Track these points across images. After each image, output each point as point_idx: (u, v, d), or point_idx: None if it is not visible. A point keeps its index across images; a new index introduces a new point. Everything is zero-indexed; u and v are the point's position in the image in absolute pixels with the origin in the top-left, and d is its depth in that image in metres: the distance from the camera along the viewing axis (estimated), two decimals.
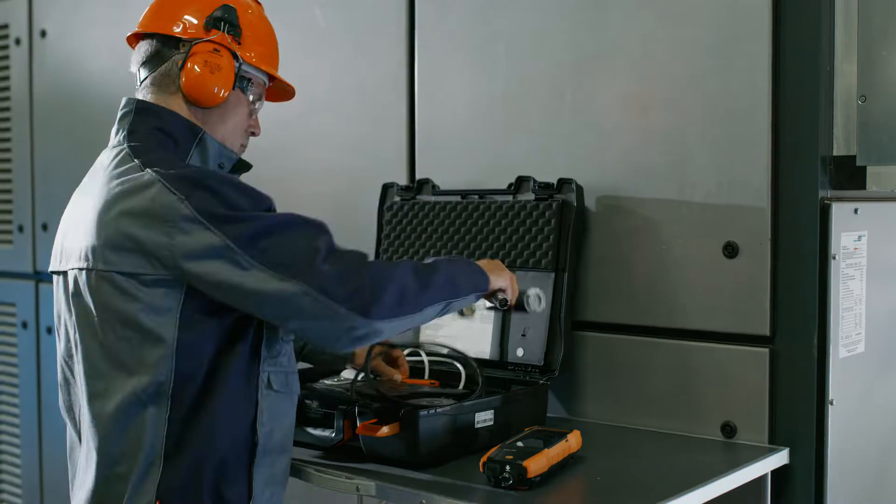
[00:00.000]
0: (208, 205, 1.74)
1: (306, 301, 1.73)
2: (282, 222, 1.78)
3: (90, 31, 3.56)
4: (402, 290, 1.80)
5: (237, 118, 2.00)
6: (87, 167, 3.53)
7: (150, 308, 1.77)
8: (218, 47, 1.93)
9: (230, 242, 1.72)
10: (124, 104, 1.97)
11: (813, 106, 2.09)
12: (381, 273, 1.80)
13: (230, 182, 1.80)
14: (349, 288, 1.74)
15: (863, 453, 2.24)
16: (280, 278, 1.72)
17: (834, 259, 2.10)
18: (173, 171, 1.78)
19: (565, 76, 2.41)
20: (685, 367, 2.24)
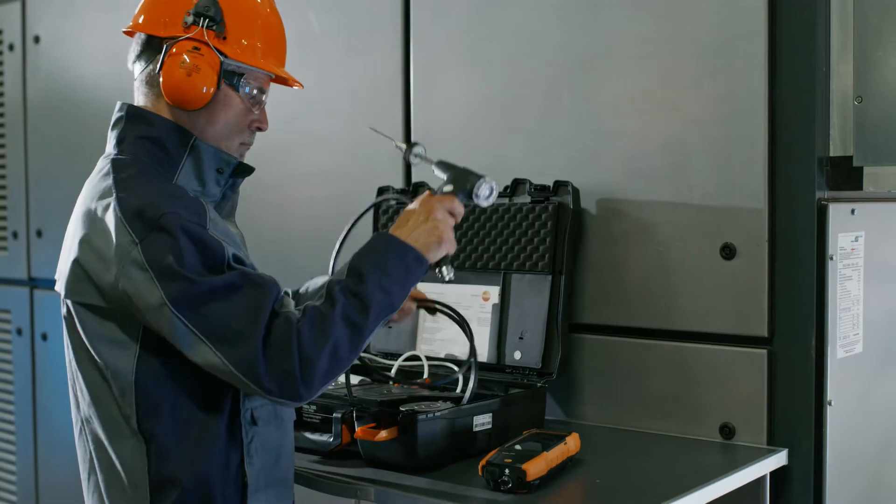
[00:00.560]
0: (159, 253, 1.64)
1: (239, 382, 1.66)
2: (226, 286, 1.66)
3: (84, 37, 3.55)
4: (334, 354, 1.68)
5: (229, 116, 1.86)
6: (81, 173, 3.50)
7: (108, 341, 1.73)
8: (198, 45, 1.81)
9: (168, 301, 1.63)
10: (118, 109, 1.89)
11: (809, 107, 2.09)
12: (312, 349, 1.65)
13: (186, 226, 1.67)
14: (278, 375, 1.64)
15: (861, 454, 2.24)
16: (211, 349, 1.64)
17: (831, 260, 2.10)
18: (135, 204, 1.69)
19: (561, 78, 2.41)
20: (683, 368, 2.24)
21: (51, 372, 3.75)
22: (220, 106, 1.85)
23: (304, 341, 1.65)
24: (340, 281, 1.74)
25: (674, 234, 2.24)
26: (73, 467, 3.59)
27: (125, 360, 1.72)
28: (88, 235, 1.73)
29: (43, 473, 3.80)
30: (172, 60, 1.79)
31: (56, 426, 3.73)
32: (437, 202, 1.90)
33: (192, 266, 1.65)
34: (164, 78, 1.79)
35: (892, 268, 2.35)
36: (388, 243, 1.82)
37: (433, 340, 2.46)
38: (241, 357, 1.63)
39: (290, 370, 1.64)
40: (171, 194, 1.73)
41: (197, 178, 1.84)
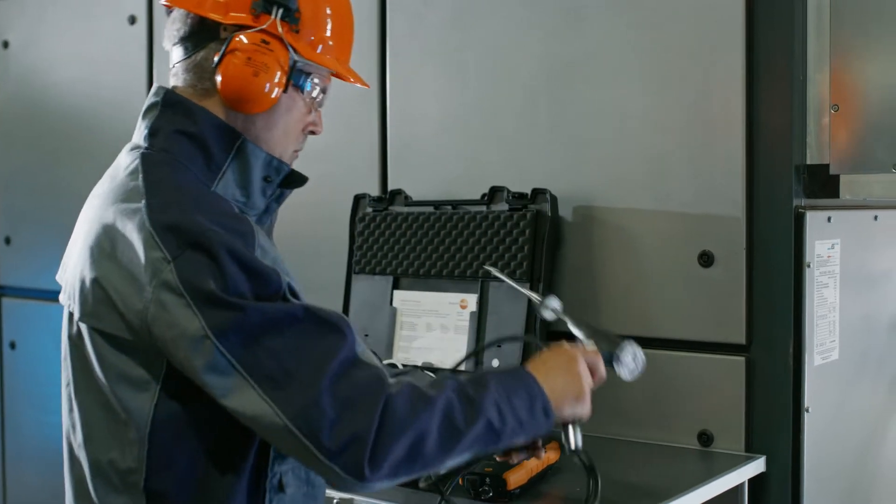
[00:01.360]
0: (198, 275, 1.35)
1: (287, 438, 1.33)
2: (285, 317, 1.37)
3: (54, 42, 3.51)
4: (419, 443, 1.35)
5: (289, 121, 1.59)
6: (52, 179, 3.51)
7: (122, 376, 1.44)
8: (267, 38, 1.52)
9: (210, 333, 1.34)
10: (153, 92, 1.58)
11: (786, 115, 2.10)
12: (401, 419, 1.35)
13: (231, 248, 1.37)
14: (344, 436, 1.31)
15: (838, 460, 2.25)
16: (262, 396, 1.33)
17: (808, 267, 2.11)
18: (168, 214, 1.40)
19: (539, 85, 2.41)
20: (661, 376, 2.24)
21: (19, 380, 3.70)
22: (283, 109, 1.57)
23: (392, 410, 1.35)
24: (457, 378, 1.46)
25: (652, 242, 2.25)
26: (42, 479, 3.56)
27: (141, 403, 1.42)
28: (109, 248, 1.44)
29: (11, 484, 3.75)
30: (237, 56, 1.50)
31: (24, 438, 3.68)
32: (580, 353, 1.59)
33: (240, 293, 1.36)
34: (223, 75, 1.50)
35: (868, 275, 2.37)
36: (523, 376, 1.50)
37: (410, 349, 2.45)
38: (300, 406, 1.32)
39: (363, 435, 1.31)
40: (212, 207, 1.45)
41: (241, 186, 1.55)
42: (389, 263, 2.52)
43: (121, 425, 1.45)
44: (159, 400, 1.42)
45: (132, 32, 3.24)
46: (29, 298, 3.64)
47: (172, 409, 1.43)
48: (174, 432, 1.44)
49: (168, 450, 1.44)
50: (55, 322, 3.62)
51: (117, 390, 1.44)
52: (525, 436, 1.48)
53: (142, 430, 1.43)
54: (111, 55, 3.32)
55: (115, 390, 1.44)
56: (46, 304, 3.55)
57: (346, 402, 1.33)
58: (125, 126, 3.23)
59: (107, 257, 1.44)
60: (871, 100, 2.11)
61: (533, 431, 1.48)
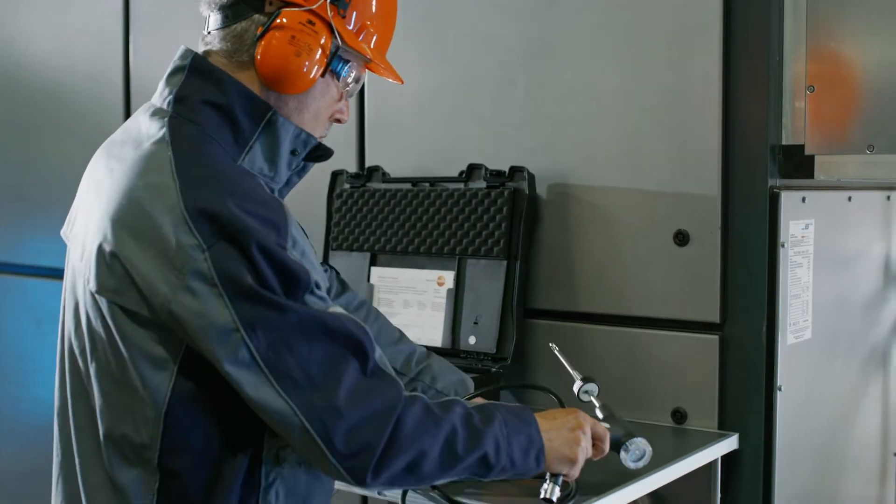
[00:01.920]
0: (233, 267, 1.35)
1: (300, 436, 1.38)
2: (315, 324, 1.39)
3: (29, 15, 3.48)
4: (419, 461, 1.43)
5: (321, 105, 1.58)
6: (30, 152, 3.49)
7: (143, 353, 1.42)
8: (314, 19, 1.49)
9: (241, 327, 1.35)
10: (180, 55, 1.53)
11: (763, 96, 2.11)
12: (408, 435, 1.41)
13: (264, 243, 1.37)
14: (356, 443, 1.38)
15: (810, 438, 2.28)
16: (281, 394, 1.37)
17: (783, 247, 2.12)
18: (203, 199, 1.37)
19: (516, 64, 2.41)
20: (636, 354, 2.25)
21: None
22: (317, 94, 1.55)
23: (402, 427, 1.41)
24: (466, 405, 1.53)
25: (627, 221, 2.26)
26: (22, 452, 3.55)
27: (159, 381, 1.42)
28: (134, 225, 1.41)
29: None
30: (281, 33, 1.47)
31: (1, 412, 3.67)
32: (591, 424, 1.67)
33: (273, 290, 1.37)
34: (264, 50, 1.47)
35: (841, 255, 2.39)
36: (529, 421, 1.58)
37: None
38: (318, 409, 1.37)
39: (373, 446, 1.39)
40: (248, 193, 1.42)
41: (268, 160, 1.53)
42: (367, 240, 2.52)
43: (137, 401, 1.44)
44: (176, 379, 1.42)
45: (108, 4, 3.22)
46: (6, 273, 3.62)
47: (189, 388, 1.43)
48: (189, 411, 1.44)
49: (183, 428, 1.44)
50: (33, 297, 3.64)
51: (138, 366, 1.43)
52: (512, 474, 1.55)
53: (158, 408, 1.43)
54: (87, 27, 3.29)
55: (135, 365, 1.43)
56: (23, 279, 3.54)
57: (363, 412, 1.38)
58: (101, 99, 3.25)
59: (131, 233, 1.41)
60: (847, 81, 2.12)
61: (521, 473, 1.55)
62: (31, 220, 3.48)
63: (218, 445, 1.46)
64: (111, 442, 1.47)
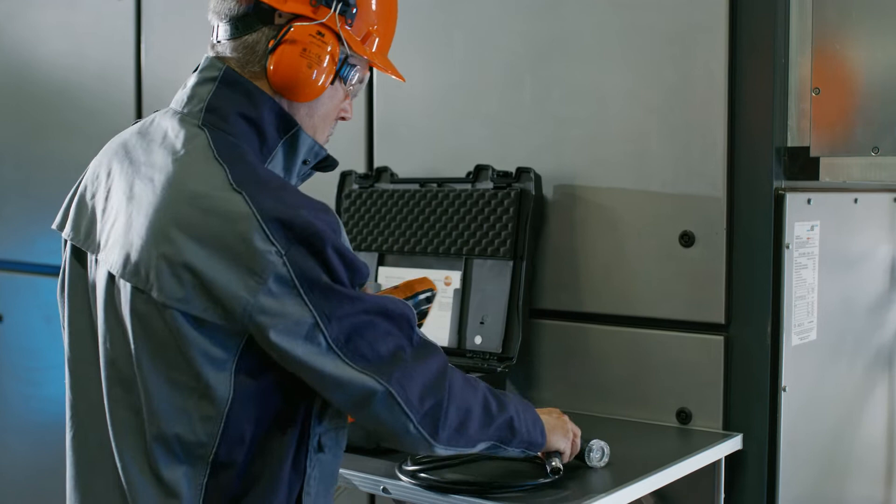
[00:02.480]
0: (309, 268, 1.44)
1: (381, 402, 1.50)
2: (376, 309, 1.51)
3: (41, 15, 3.51)
4: (467, 417, 1.58)
5: (330, 108, 1.64)
6: (41, 151, 3.51)
7: (205, 355, 1.47)
8: (323, 30, 1.55)
9: (319, 320, 1.45)
10: (207, 65, 1.58)
11: (768, 97, 2.12)
12: (459, 393, 1.57)
13: (333, 242, 1.47)
14: (428, 402, 1.53)
15: (814, 439, 2.29)
16: (360, 370, 1.48)
17: (787, 248, 2.13)
18: (271, 205, 1.44)
19: (523, 65, 2.42)
20: (641, 354, 2.27)
21: (6, 353, 3.71)
22: (326, 98, 1.62)
23: (454, 383, 1.58)
24: (492, 392, 1.68)
25: (633, 222, 2.27)
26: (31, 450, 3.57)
27: (221, 381, 1.48)
28: (203, 232, 1.45)
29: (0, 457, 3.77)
30: (293, 46, 1.53)
31: (12, 409, 3.69)
32: (569, 420, 1.88)
33: (344, 283, 1.48)
34: (277, 63, 1.53)
35: (847, 257, 2.40)
36: (530, 405, 1.76)
37: None
38: (392, 374, 1.50)
39: (441, 399, 1.55)
40: (306, 199, 1.50)
41: (285, 168, 1.61)
42: (375, 240, 2.54)
43: (194, 401, 1.48)
44: (236, 379, 1.49)
45: (120, 6, 3.24)
46: (17, 272, 3.65)
47: (246, 385, 1.50)
48: (246, 407, 1.50)
49: (241, 424, 1.50)
50: (43, 295, 3.66)
51: (202, 368, 1.47)
52: (526, 446, 1.72)
53: (221, 407, 1.48)
54: (98, 28, 3.32)
55: (199, 368, 1.47)
56: (34, 277, 3.56)
57: (428, 372, 1.54)
58: (111, 99, 3.27)
59: (200, 242, 1.44)
60: (852, 83, 2.13)
61: (532, 444, 1.73)
62: (42, 218, 3.49)
63: (268, 437, 1.53)
64: (161, 442, 1.51)
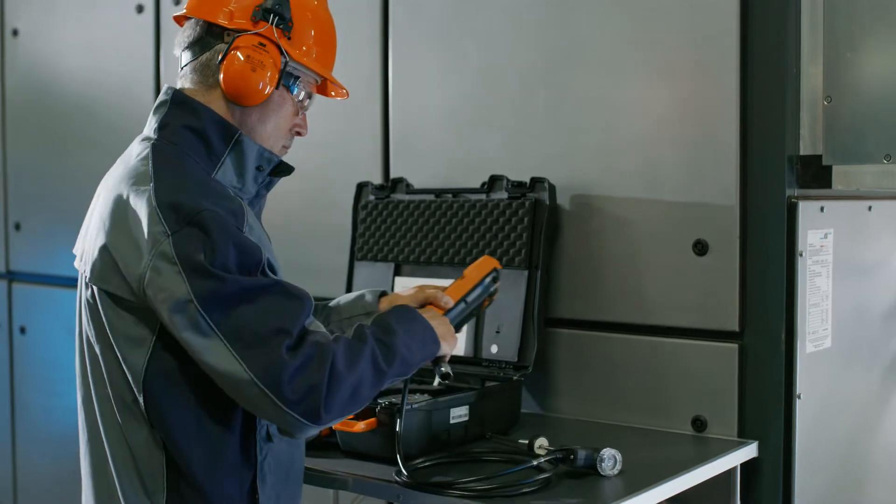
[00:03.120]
0: (191, 248, 1.58)
1: (253, 391, 1.56)
2: (257, 289, 1.60)
3: (62, 31, 3.55)
4: (358, 387, 1.63)
5: (280, 118, 1.82)
6: (60, 165, 3.56)
7: (123, 334, 1.67)
8: (264, 41, 1.75)
9: (195, 298, 1.56)
10: (163, 92, 1.82)
11: (780, 106, 2.13)
12: (342, 372, 1.61)
13: (224, 226, 1.61)
14: (302, 387, 1.56)
15: (829, 446, 2.29)
16: (234, 355, 1.56)
17: (801, 256, 2.14)
18: (172, 195, 1.62)
19: (536, 75, 2.44)
20: (656, 362, 2.28)
21: (28, 365, 3.75)
22: (274, 106, 1.81)
23: (338, 361, 1.60)
24: (369, 326, 1.73)
25: (647, 230, 2.28)
26: (51, 461, 3.60)
27: (136, 357, 1.66)
28: (120, 221, 1.67)
29: (21, 466, 3.80)
30: (238, 53, 1.73)
31: (34, 420, 3.73)
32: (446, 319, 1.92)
33: (225, 266, 1.59)
34: (225, 70, 1.74)
35: (861, 264, 2.40)
36: (414, 315, 1.82)
37: None
38: (265, 363, 1.56)
39: (318, 385, 1.57)
40: (211, 190, 1.68)
41: (237, 174, 1.79)
42: (391, 250, 2.56)
43: (129, 373, 1.68)
44: (152, 355, 1.66)
45: (139, 21, 3.28)
46: (39, 284, 3.69)
47: (162, 365, 1.66)
48: (165, 386, 1.67)
49: (162, 401, 1.67)
50: (64, 307, 3.69)
51: (120, 345, 1.68)
52: (424, 360, 1.81)
53: (137, 382, 1.67)
54: (118, 44, 3.36)
55: (119, 344, 1.68)
56: (56, 290, 3.60)
57: (303, 361, 1.58)
58: (131, 113, 3.31)
59: (117, 228, 1.67)
60: (863, 91, 2.13)
61: (428, 356, 1.81)
62: (62, 231, 3.54)
63: (212, 427, 1.69)
64: (123, 406, 1.70)
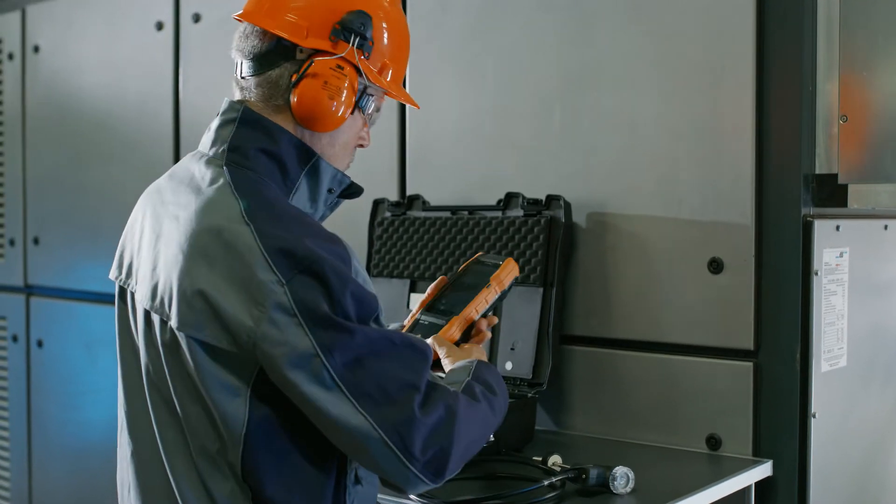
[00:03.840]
0: (310, 298, 1.46)
1: (378, 447, 1.48)
2: (385, 343, 1.51)
3: (83, 47, 3.59)
4: (473, 446, 1.57)
5: (349, 137, 1.70)
6: (79, 180, 3.58)
7: (218, 382, 1.52)
8: (343, 63, 1.61)
9: (320, 351, 1.46)
10: (227, 108, 1.66)
11: (796, 125, 2.14)
12: (465, 432, 1.54)
13: (339, 273, 1.49)
14: (431, 449, 1.49)
15: (845, 466, 2.28)
16: (360, 410, 1.47)
17: (816, 275, 2.14)
18: (278, 237, 1.49)
19: (553, 93, 2.46)
20: (671, 380, 2.28)
21: (45, 378, 3.77)
22: (346, 127, 1.68)
23: (461, 423, 1.53)
24: (477, 384, 1.65)
25: (662, 248, 2.29)
26: (68, 474, 3.62)
27: (235, 407, 1.52)
28: (214, 263, 1.51)
29: (37, 480, 3.82)
30: (315, 80, 1.59)
31: (50, 433, 3.75)
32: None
33: (346, 315, 1.48)
34: (300, 96, 1.60)
35: (877, 283, 2.40)
36: (497, 373, 1.75)
37: None
38: (396, 421, 1.47)
39: (447, 447, 1.51)
40: (316, 230, 1.55)
41: (311, 199, 1.68)
42: (407, 267, 2.57)
43: (221, 423, 1.54)
44: (251, 406, 1.52)
45: (159, 38, 3.31)
46: (57, 298, 3.71)
47: (263, 414, 1.53)
48: (265, 437, 1.54)
49: (261, 453, 1.54)
50: (82, 321, 3.72)
51: (213, 394, 1.52)
52: None
53: (237, 434, 1.53)
54: (138, 60, 3.39)
55: (212, 394, 1.52)
56: (74, 304, 3.63)
57: (435, 421, 1.50)
58: (150, 129, 3.34)
59: (211, 272, 1.50)
60: (879, 110, 2.14)
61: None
62: (82, 246, 3.57)
63: (310, 476, 1.57)
64: (205, 457, 1.56)
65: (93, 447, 3.54)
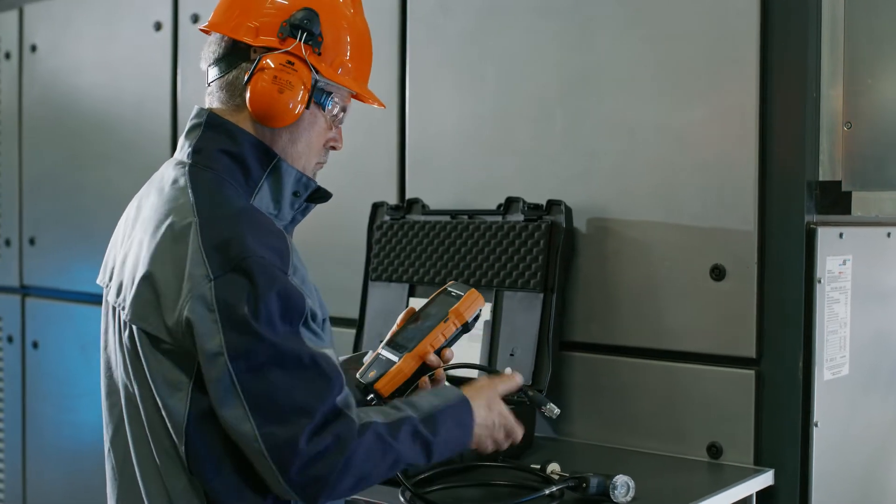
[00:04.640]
0: (233, 298, 1.50)
1: (258, 457, 1.51)
2: (293, 360, 1.52)
3: (80, 47, 3.57)
4: (367, 480, 1.57)
5: (311, 136, 1.74)
6: (75, 181, 3.57)
7: (161, 377, 1.57)
8: (293, 59, 1.66)
9: (226, 352, 1.50)
10: (195, 114, 1.73)
11: (799, 131, 2.12)
12: (356, 467, 1.54)
13: (269, 273, 1.53)
14: (310, 476, 1.51)
15: (847, 475, 2.27)
16: (250, 419, 1.50)
17: (819, 283, 2.13)
18: (217, 234, 1.55)
19: (554, 97, 2.44)
20: (672, 387, 2.26)
21: (40, 380, 3.76)
22: (306, 125, 1.72)
23: (353, 459, 1.53)
24: (415, 421, 1.62)
25: (664, 255, 2.27)
26: (62, 475, 3.61)
27: (176, 402, 1.57)
28: (160, 256, 1.58)
29: (31, 481, 3.80)
30: (264, 74, 1.64)
31: (45, 434, 3.73)
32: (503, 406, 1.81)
33: (268, 316, 1.51)
34: (252, 91, 1.65)
35: (880, 291, 2.38)
36: (465, 413, 1.70)
37: None
38: (279, 441, 1.49)
39: (325, 477, 1.51)
40: (255, 223, 1.59)
41: (274, 200, 1.72)
42: (406, 271, 2.55)
43: (168, 418, 1.59)
44: (191, 400, 1.57)
45: (157, 39, 3.29)
46: (52, 299, 3.70)
47: (203, 408, 1.56)
48: (205, 432, 1.57)
49: (204, 448, 1.58)
50: (77, 322, 3.70)
51: (157, 389, 1.59)
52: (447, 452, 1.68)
53: (180, 428, 1.57)
54: (136, 61, 3.37)
55: (158, 388, 1.59)
56: (69, 305, 3.61)
57: (319, 451, 1.51)
58: (147, 130, 3.32)
59: (160, 261, 1.58)
60: (883, 117, 2.12)
61: (451, 449, 1.69)
62: (78, 247, 3.55)
63: (245, 468, 1.58)
64: (163, 452, 1.61)
65: (87, 448, 3.51)
